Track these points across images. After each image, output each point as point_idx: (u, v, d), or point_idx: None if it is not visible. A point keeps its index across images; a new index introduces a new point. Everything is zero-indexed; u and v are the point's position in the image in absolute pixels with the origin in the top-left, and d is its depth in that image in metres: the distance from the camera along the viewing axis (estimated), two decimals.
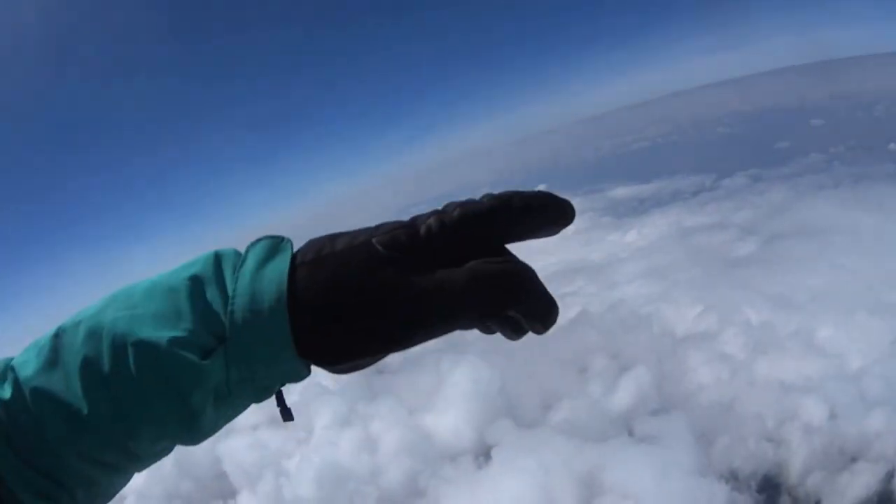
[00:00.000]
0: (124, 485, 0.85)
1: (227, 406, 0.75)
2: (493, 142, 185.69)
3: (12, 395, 0.76)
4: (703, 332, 34.21)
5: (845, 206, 47.87)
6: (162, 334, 0.70)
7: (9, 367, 0.78)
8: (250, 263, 0.71)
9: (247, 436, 31.88)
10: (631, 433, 28.58)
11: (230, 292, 0.70)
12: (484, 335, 0.77)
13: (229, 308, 0.69)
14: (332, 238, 0.72)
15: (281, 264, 0.70)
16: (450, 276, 0.65)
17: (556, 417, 30.17)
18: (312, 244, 0.72)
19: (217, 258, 0.74)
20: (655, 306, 37.67)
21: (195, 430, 0.75)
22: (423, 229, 0.67)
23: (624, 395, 30.37)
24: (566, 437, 27.84)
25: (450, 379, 32.96)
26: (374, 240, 0.68)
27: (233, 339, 0.69)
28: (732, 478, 26.34)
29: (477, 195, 0.72)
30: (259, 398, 0.77)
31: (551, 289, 0.71)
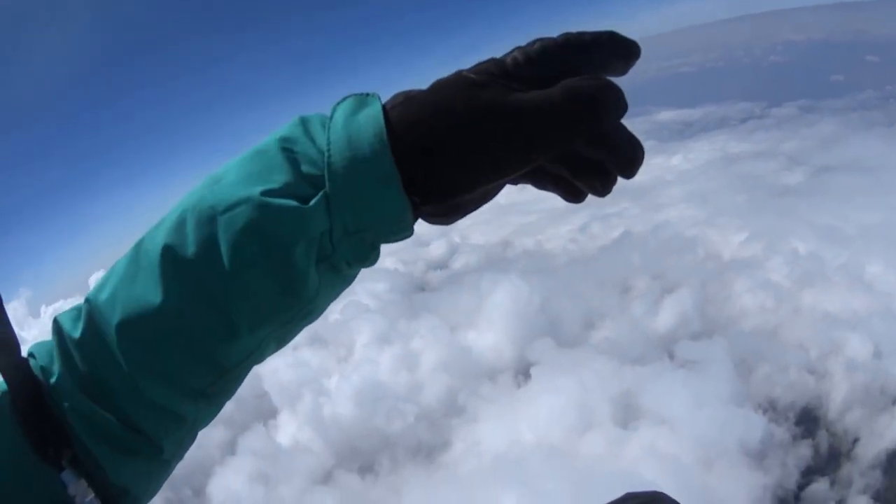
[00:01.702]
0: (210, 419, 0.77)
1: (332, 271, 0.71)
2: None
3: (83, 331, 0.70)
4: (749, 258, 33.35)
5: None
6: (253, 189, 0.66)
7: (86, 300, 0.73)
8: (339, 116, 0.68)
9: (287, 355, 32.39)
10: (671, 356, 28.29)
11: (323, 143, 0.67)
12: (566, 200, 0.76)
13: (326, 154, 0.66)
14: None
15: (373, 110, 0.68)
16: (545, 93, 0.65)
17: (597, 337, 30.13)
18: (400, 93, 0.71)
19: (303, 121, 0.71)
20: (700, 230, 36.94)
21: (302, 297, 0.69)
22: (509, 60, 0.68)
23: (666, 317, 30.03)
24: (606, 358, 27.77)
25: (491, 297, 32.94)
26: (463, 72, 0.68)
27: (334, 183, 0.66)
28: (771, 408, 26.00)
29: None
30: (363, 257, 0.71)
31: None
